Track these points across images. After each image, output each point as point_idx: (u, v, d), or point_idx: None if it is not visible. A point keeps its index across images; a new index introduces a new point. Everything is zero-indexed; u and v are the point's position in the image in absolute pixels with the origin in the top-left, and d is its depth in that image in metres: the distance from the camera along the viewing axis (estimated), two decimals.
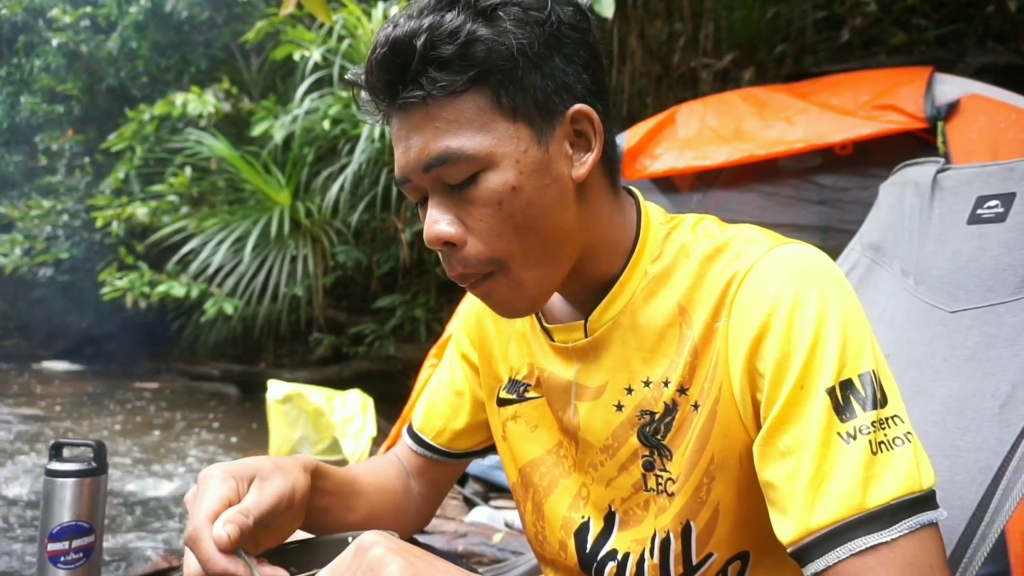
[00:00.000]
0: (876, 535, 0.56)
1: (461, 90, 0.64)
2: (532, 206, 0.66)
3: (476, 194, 0.66)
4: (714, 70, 3.93)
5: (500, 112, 0.65)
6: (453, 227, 0.67)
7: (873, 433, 0.59)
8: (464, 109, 0.64)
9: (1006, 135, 2.01)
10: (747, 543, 0.70)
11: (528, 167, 0.65)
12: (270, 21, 5.29)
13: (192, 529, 0.64)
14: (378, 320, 5.38)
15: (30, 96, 9.14)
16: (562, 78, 0.67)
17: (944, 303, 0.98)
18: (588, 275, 0.74)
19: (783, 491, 0.61)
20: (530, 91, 0.65)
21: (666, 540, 0.70)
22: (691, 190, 2.69)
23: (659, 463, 0.71)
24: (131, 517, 3.37)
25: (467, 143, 0.64)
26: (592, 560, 0.75)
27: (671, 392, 0.70)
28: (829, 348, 0.62)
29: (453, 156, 0.64)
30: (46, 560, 0.85)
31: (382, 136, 4.52)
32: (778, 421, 0.62)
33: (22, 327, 10.15)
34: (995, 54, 3.65)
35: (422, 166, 0.66)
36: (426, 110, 0.65)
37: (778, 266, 0.66)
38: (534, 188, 0.66)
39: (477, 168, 0.65)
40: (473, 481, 3.06)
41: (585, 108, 0.68)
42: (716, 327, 0.68)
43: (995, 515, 0.75)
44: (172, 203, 5.95)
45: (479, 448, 0.95)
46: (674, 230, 0.75)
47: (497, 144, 0.65)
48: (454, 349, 0.97)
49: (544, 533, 0.81)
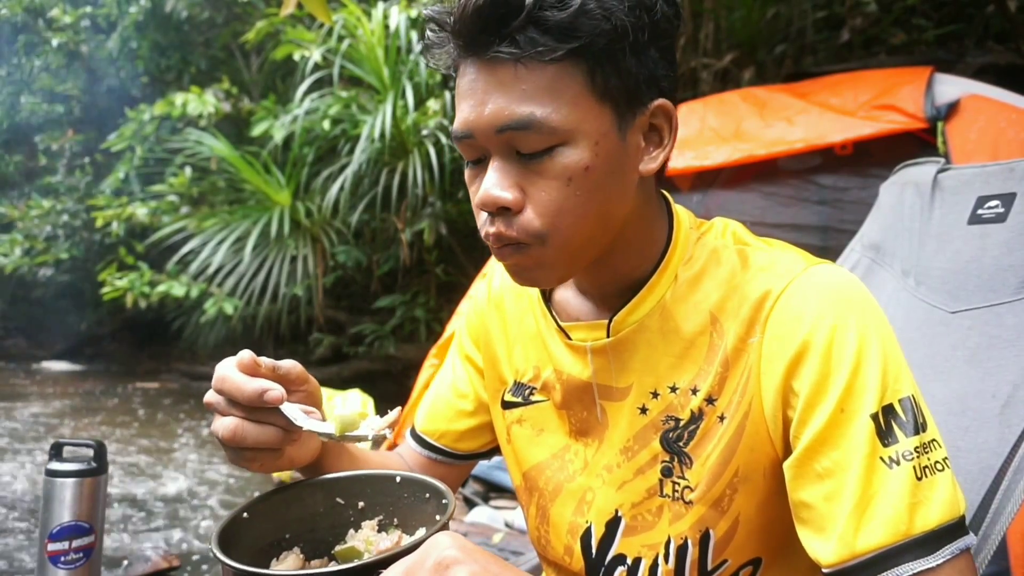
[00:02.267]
0: (922, 560, 0.57)
1: (558, 59, 0.62)
2: (599, 190, 0.65)
3: (548, 166, 0.64)
4: (714, 70, 3.93)
5: (591, 89, 0.63)
6: (512, 193, 0.64)
7: (917, 459, 0.60)
8: (557, 79, 0.62)
9: (1006, 135, 2.01)
10: (760, 550, 0.70)
11: (604, 151, 0.64)
12: (270, 21, 5.29)
13: (216, 375, 0.67)
14: (378, 320, 5.38)
15: (30, 96, 9.14)
16: (654, 69, 0.66)
17: (945, 303, 0.98)
18: (618, 270, 0.73)
19: (822, 512, 0.61)
20: (624, 75, 0.64)
21: (683, 547, 0.70)
22: (691, 190, 2.69)
23: (678, 470, 0.70)
24: (131, 517, 3.37)
25: (554, 114, 0.62)
26: (599, 564, 0.75)
27: (699, 401, 0.69)
28: (871, 373, 0.62)
29: (536, 124, 0.62)
30: (46, 560, 0.85)
31: (382, 136, 4.52)
32: (816, 443, 0.62)
33: (22, 327, 10.15)
34: (995, 54, 3.65)
35: (497, 126, 0.63)
36: (516, 71, 0.62)
37: (816, 287, 0.66)
38: (605, 173, 0.65)
39: (556, 141, 0.63)
40: (473, 481, 3.06)
41: (667, 104, 0.68)
42: (750, 342, 0.67)
43: (997, 516, 0.75)
44: (172, 203, 5.95)
45: (484, 450, 0.95)
46: (705, 234, 0.74)
47: (582, 121, 0.63)
48: (456, 351, 0.96)
49: (548, 537, 0.81)
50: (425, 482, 0.69)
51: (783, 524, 0.66)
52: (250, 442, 0.66)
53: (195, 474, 4.09)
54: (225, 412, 0.66)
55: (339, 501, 0.72)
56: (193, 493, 3.76)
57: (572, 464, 0.79)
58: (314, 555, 0.70)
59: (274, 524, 0.70)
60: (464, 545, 0.53)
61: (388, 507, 0.71)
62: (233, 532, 0.65)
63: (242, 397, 0.65)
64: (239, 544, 0.65)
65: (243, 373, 0.67)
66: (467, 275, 4.59)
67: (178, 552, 2.91)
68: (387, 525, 0.71)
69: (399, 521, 0.71)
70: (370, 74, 4.85)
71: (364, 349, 5.44)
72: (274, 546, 0.70)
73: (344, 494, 0.73)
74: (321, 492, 0.73)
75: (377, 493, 0.72)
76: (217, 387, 0.67)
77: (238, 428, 0.65)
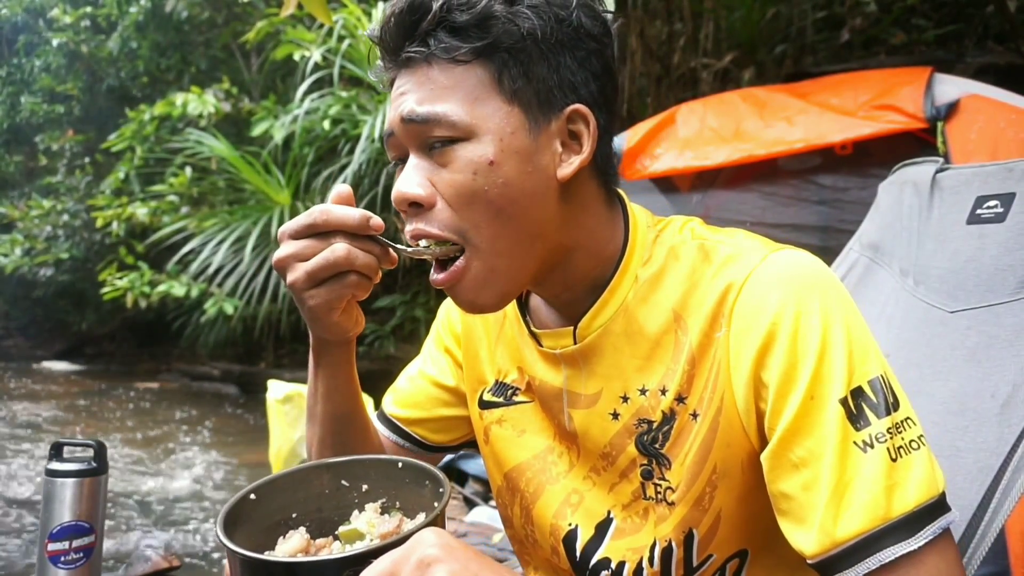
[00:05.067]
0: (904, 544, 0.57)
1: (465, 60, 0.66)
2: (509, 187, 0.66)
3: (452, 159, 0.66)
4: (714, 70, 3.93)
5: (498, 90, 0.66)
6: (422, 188, 0.67)
7: (890, 439, 0.60)
8: (463, 78, 0.66)
9: (1006, 135, 2.01)
10: (745, 542, 0.70)
11: (511, 148, 0.66)
12: (270, 21, 5.29)
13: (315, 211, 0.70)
14: (378, 320, 5.38)
15: (30, 96, 9.15)
16: (569, 76, 0.68)
17: (943, 303, 0.98)
18: (572, 278, 0.73)
19: (800, 502, 0.61)
20: (533, 79, 0.67)
21: (667, 549, 0.70)
22: (691, 190, 2.69)
23: (657, 472, 0.70)
24: (131, 517, 3.37)
25: (455, 110, 0.65)
26: (584, 567, 0.75)
27: (669, 401, 0.69)
28: (837, 357, 0.62)
29: (436, 118, 0.66)
30: (46, 560, 0.85)
31: (382, 136, 4.52)
32: (789, 433, 0.62)
33: (22, 327, 10.16)
34: (995, 54, 3.65)
35: (406, 120, 0.67)
36: (427, 70, 0.67)
37: (777, 274, 0.66)
38: (514, 171, 0.66)
39: (460, 135, 0.66)
40: (473, 481, 3.06)
41: (583, 109, 0.69)
42: (716, 337, 0.67)
43: (994, 515, 0.75)
44: (172, 203, 5.95)
45: (453, 444, 0.94)
46: (662, 232, 0.74)
47: (485, 119, 0.66)
48: (434, 343, 0.95)
49: (535, 537, 0.81)
50: (425, 469, 0.71)
51: (766, 516, 0.65)
52: (360, 263, 0.70)
53: (195, 474, 4.09)
54: (330, 241, 0.69)
55: (344, 483, 0.74)
56: (193, 493, 3.76)
57: (556, 466, 0.78)
58: (319, 534, 0.71)
59: (281, 504, 0.72)
60: (447, 543, 0.54)
61: (391, 491, 0.73)
62: (240, 512, 0.67)
63: (351, 222, 0.69)
64: (246, 523, 0.67)
65: (345, 204, 0.71)
66: None
67: (178, 552, 2.91)
68: (389, 508, 0.73)
69: (401, 504, 0.72)
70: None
71: (364, 349, 5.44)
72: (281, 524, 0.71)
73: (349, 476, 0.74)
74: (328, 474, 0.74)
75: (381, 477, 0.74)
76: (321, 220, 0.69)
77: (351, 251, 0.69)
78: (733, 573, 0.70)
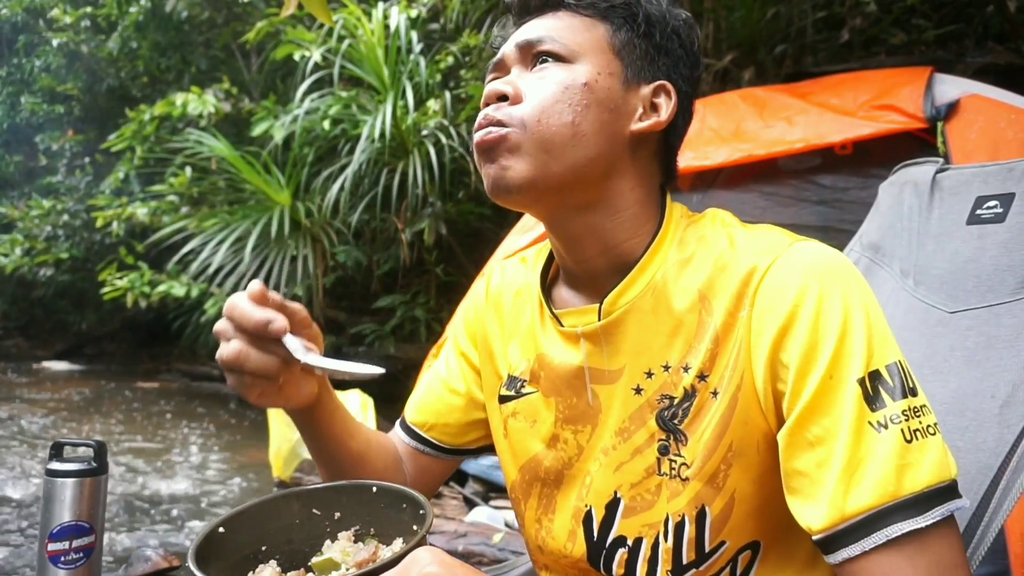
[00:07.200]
0: (911, 521, 0.58)
1: (588, 15, 0.76)
2: (588, 112, 0.72)
3: (551, 72, 0.73)
4: (714, 70, 3.92)
5: (610, 42, 0.75)
6: (512, 87, 0.74)
7: (905, 422, 0.61)
8: (584, 24, 0.76)
9: (1006, 135, 2.01)
10: (759, 533, 0.70)
11: (603, 84, 0.73)
12: (270, 21, 5.29)
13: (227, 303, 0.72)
14: (378, 320, 5.38)
15: (30, 96, 9.15)
16: (666, 57, 0.77)
17: (943, 303, 0.98)
18: (606, 241, 0.76)
19: (813, 478, 0.62)
20: (639, 46, 0.76)
21: (680, 524, 0.71)
22: (691, 190, 2.69)
23: (674, 447, 0.71)
24: (131, 517, 3.37)
25: (568, 36, 0.75)
26: (600, 548, 0.76)
27: (691, 378, 0.71)
28: (857, 339, 0.63)
29: (550, 36, 0.75)
30: (46, 560, 0.85)
31: (382, 136, 4.52)
32: (807, 411, 0.63)
33: (22, 327, 10.16)
34: (995, 54, 3.65)
35: (521, 44, 0.76)
36: (556, 13, 0.77)
37: (801, 260, 0.68)
38: (598, 101, 0.73)
39: (563, 54, 0.74)
40: (473, 481, 3.07)
41: (670, 86, 0.77)
42: (739, 316, 0.69)
43: (994, 515, 0.75)
44: (172, 203, 5.95)
45: (472, 447, 0.96)
46: (695, 222, 0.78)
47: (590, 54, 0.74)
48: (452, 347, 0.97)
49: (551, 527, 0.81)
50: (401, 492, 0.70)
51: (780, 506, 0.66)
52: (250, 367, 0.71)
53: (195, 474, 4.09)
54: (231, 337, 0.71)
55: (315, 512, 0.73)
56: (193, 493, 3.76)
57: (565, 451, 0.80)
58: (290, 567, 0.69)
59: (250, 537, 0.70)
60: (444, 560, 0.54)
61: (364, 517, 0.72)
62: (210, 548, 0.65)
63: (248, 324, 0.70)
64: (217, 560, 0.65)
65: (253, 303, 0.71)
66: (467, 275, 4.59)
67: (178, 552, 2.91)
68: (363, 535, 0.71)
69: (376, 531, 0.71)
70: (370, 74, 4.85)
71: (364, 349, 5.44)
72: (250, 559, 0.69)
73: (320, 505, 0.73)
74: (297, 503, 0.73)
75: (354, 503, 0.72)
76: (227, 314, 0.72)
77: (241, 352, 0.70)
78: (745, 567, 0.71)
